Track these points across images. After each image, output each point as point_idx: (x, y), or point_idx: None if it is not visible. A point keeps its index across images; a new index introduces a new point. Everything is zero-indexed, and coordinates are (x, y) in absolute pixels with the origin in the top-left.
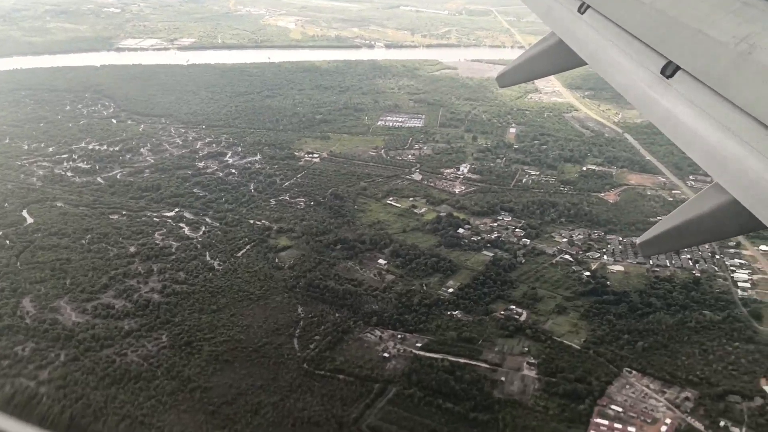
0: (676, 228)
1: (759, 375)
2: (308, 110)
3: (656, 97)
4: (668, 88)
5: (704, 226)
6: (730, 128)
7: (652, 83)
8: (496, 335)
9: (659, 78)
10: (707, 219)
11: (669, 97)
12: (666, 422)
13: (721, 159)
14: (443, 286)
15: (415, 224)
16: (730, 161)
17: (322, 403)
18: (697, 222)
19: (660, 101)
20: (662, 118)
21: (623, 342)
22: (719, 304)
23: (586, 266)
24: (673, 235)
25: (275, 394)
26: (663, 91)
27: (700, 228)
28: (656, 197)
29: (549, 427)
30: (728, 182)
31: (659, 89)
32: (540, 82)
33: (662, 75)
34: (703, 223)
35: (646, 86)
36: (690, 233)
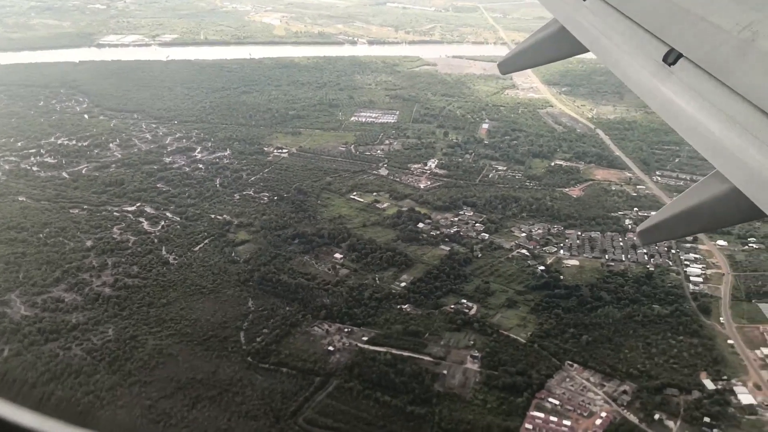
0: (676, 217)
1: (699, 368)
2: (283, 106)
3: (658, 85)
4: (670, 75)
5: (704, 214)
6: (731, 116)
7: (654, 71)
8: (443, 329)
9: (661, 65)
10: (707, 207)
11: (670, 84)
12: (601, 416)
13: (722, 147)
14: (396, 280)
15: (376, 219)
16: (732, 149)
17: (262, 397)
18: (697, 210)
19: (661, 89)
20: (663, 105)
21: (568, 335)
22: (669, 298)
23: (541, 260)
24: (672, 223)
25: (215, 388)
26: (665, 78)
27: (699, 216)
28: (620, 192)
29: (485, 420)
30: (729, 170)
31: (661, 77)
32: (518, 79)
33: (664, 62)
34: (703, 211)
35: (648, 73)
36: (689, 222)
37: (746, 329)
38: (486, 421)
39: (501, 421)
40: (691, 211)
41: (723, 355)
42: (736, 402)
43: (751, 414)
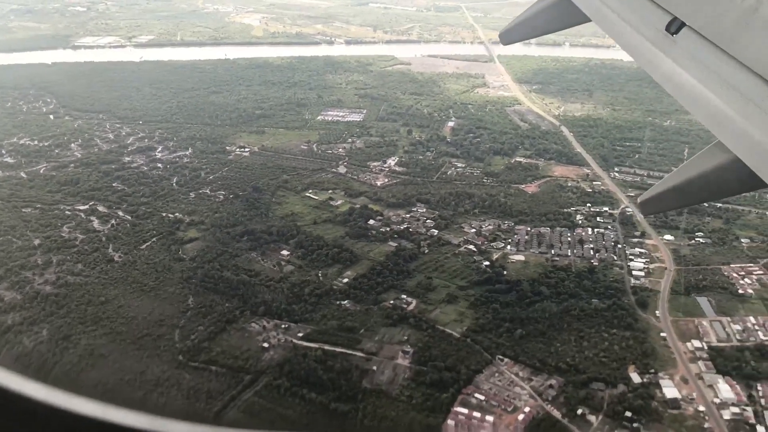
0: (677, 187)
1: (628, 362)
2: (250, 105)
3: (660, 55)
4: (673, 45)
5: (705, 184)
6: (734, 86)
7: (657, 40)
8: (379, 324)
9: (664, 34)
10: (708, 178)
11: (673, 54)
12: (525, 411)
13: (724, 117)
14: (340, 277)
15: (328, 216)
16: (734, 119)
17: (187, 397)
18: (698, 181)
19: (664, 58)
20: (666, 75)
21: (503, 330)
22: (608, 293)
23: (488, 256)
24: (674, 194)
25: (141, 389)
26: (667, 48)
27: (700, 187)
28: (575, 188)
29: (408, 416)
30: (731, 140)
31: (664, 46)
32: (489, 77)
33: (667, 32)
34: (704, 181)
35: (651, 43)
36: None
37: (681, 323)
38: (409, 417)
39: (424, 418)
40: (692, 181)
41: (654, 348)
42: (660, 396)
43: (674, 408)
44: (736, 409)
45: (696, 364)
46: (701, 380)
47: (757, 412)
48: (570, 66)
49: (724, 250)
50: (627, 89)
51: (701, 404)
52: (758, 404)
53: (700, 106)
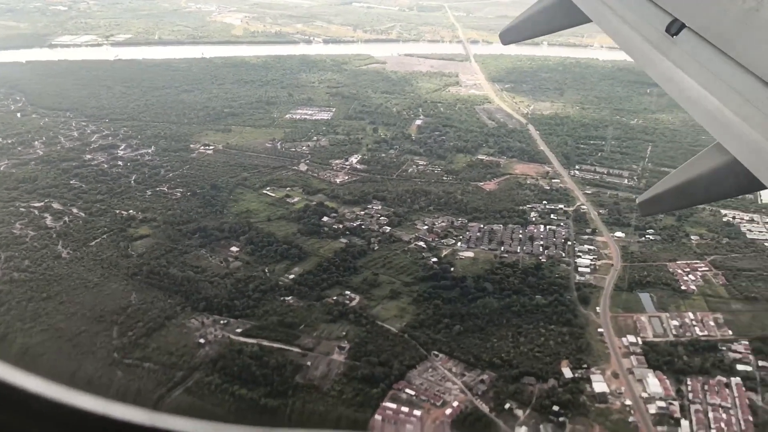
0: (676, 188)
1: (562, 357)
2: (220, 104)
3: (660, 56)
4: (673, 46)
5: (704, 186)
6: (734, 88)
7: (657, 41)
8: (320, 320)
9: (664, 36)
10: (707, 179)
11: (673, 55)
12: (453, 405)
13: (724, 118)
14: (286, 273)
15: (283, 213)
16: (733, 121)
17: (117, 396)
18: (697, 182)
19: (664, 60)
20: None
21: (441, 326)
22: (552, 289)
23: (437, 253)
24: (673, 194)
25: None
26: (667, 49)
27: (699, 188)
28: (533, 186)
29: (337, 411)
30: (730, 142)
31: (664, 47)
32: (463, 76)
33: (667, 33)
34: (703, 183)
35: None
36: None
37: (620, 318)
38: (338, 412)
39: (353, 413)
40: (691, 182)
41: (589, 344)
42: (589, 390)
43: (602, 402)
44: (662, 403)
45: (629, 359)
46: (632, 375)
47: (683, 406)
48: (545, 65)
49: (673, 247)
50: (599, 88)
51: (629, 398)
52: (686, 398)
53: (699, 108)
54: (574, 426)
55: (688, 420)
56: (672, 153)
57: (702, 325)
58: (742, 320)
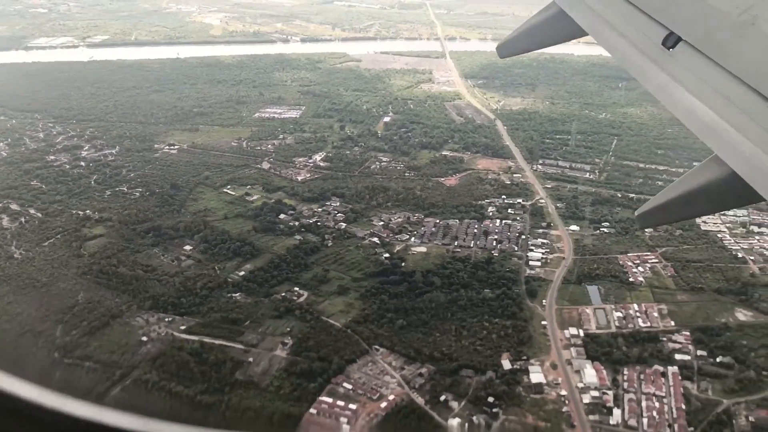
0: (674, 200)
1: (503, 349)
2: (189, 104)
3: (657, 69)
4: (669, 59)
5: (702, 198)
6: (731, 100)
7: (653, 54)
8: (266, 316)
9: (660, 49)
10: (705, 191)
11: (670, 68)
12: (389, 398)
13: (721, 131)
14: (237, 270)
15: (241, 211)
16: (730, 134)
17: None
18: (695, 194)
19: (660, 73)
20: (662, 89)
21: (385, 321)
22: (501, 283)
23: (389, 248)
24: (671, 207)
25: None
26: (664, 62)
27: (697, 200)
28: (494, 181)
29: (273, 406)
30: (727, 155)
31: (660, 60)
32: (436, 73)
33: (663, 46)
34: (701, 195)
35: (647, 57)
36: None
37: (565, 311)
38: (273, 407)
39: (289, 407)
40: (689, 195)
41: (531, 336)
42: (526, 382)
43: (537, 393)
44: (597, 393)
45: (569, 351)
46: (570, 366)
47: (617, 396)
48: (519, 61)
49: (626, 240)
50: (571, 83)
51: (564, 389)
52: (621, 388)
53: (696, 120)
54: (507, 416)
55: (620, 409)
56: (636, 147)
57: (645, 316)
58: (686, 311)
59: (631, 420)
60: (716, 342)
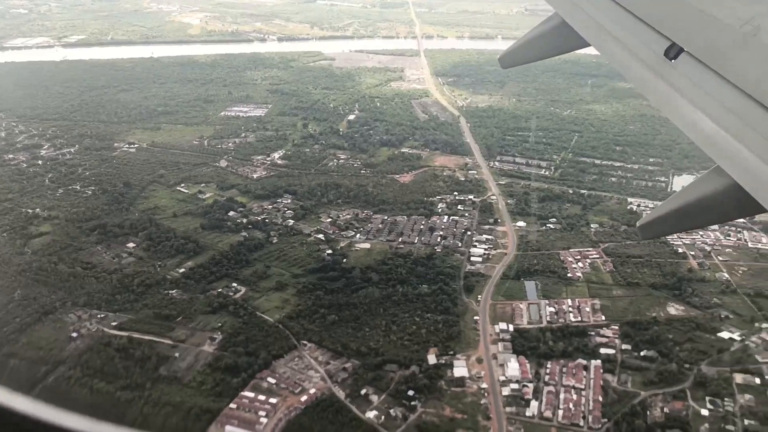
0: (676, 211)
1: (431, 344)
2: (156, 102)
3: (659, 79)
4: (671, 70)
5: (704, 209)
6: (732, 111)
7: (656, 65)
8: (199, 312)
9: (663, 60)
10: (707, 202)
11: (672, 79)
12: (310, 392)
13: (723, 142)
14: (178, 267)
15: (191, 208)
16: (732, 144)
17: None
18: (697, 205)
19: (663, 83)
20: (664, 100)
21: (318, 316)
22: (439, 278)
23: (333, 245)
24: (673, 218)
25: None
26: (666, 73)
27: (699, 211)
28: (448, 177)
29: (191, 402)
30: (729, 165)
31: (662, 71)
32: (408, 71)
33: (665, 57)
34: (703, 206)
35: (649, 68)
36: (690, 216)
37: (499, 306)
38: (192, 402)
39: (209, 402)
40: (690, 206)
41: (462, 331)
42: (449, 375)
43: (459, 386)
44: (517, 386)
45: (496, 345)
46: (495, 360)
47: (537, 389)
48: (492, 58)
49: (570, 236)
50: (540, 80)
51: (486, 382)
52: (542, 381)
53: (698, 131)
54: (425, 409)
55: (538, 401)
56: (595, 143)
57: (577, 311)
58: (619, 306)
59: (546, 412)
60: (642, 336)
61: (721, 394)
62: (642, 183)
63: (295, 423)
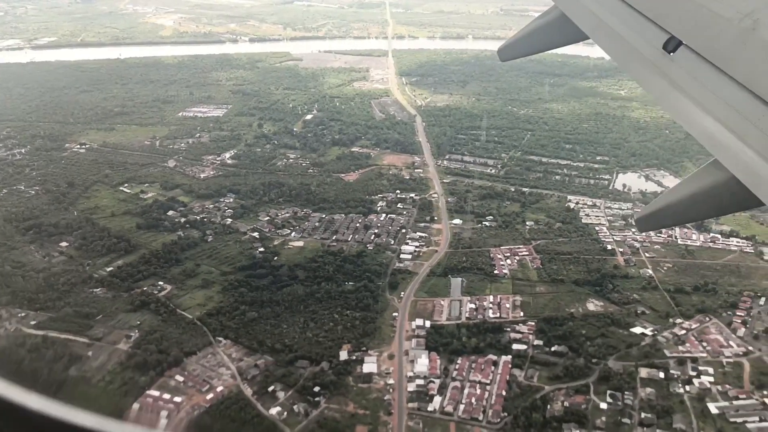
0: (674, 204)
1: (346, 341)
2: (114, 103)
3: (657, 73)
4: (670, 63)
5: (702, 202)
6: (731, 105)
7: (654, 58)
8: (120, 310)
9: (661, 53)
10: (705, 196)
11: (670, 72)
12: (218, 390)
13: (721, 135)
14: (107, 266)
15: (130, 208)
16: (730, 138)
17: None
18: (695, 199)
19: (661, 77)
20: (662, 93)
21: (238, 313)
22: (366, 275)
23: (267, 243)
24: (671, 211)
25: None
26: (664, 66)
27: (697, 205)
28: (393, 176)
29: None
30: (727, 159)
31: (661, 64)
32: (374, 71)
33: (664, 50)
34: (701, 199)
35: (648, 61)
36: (687, 210)
37: (421, 302)
38: (98, 404)
39: (114, 403)
40: (688, 199)
41: (378, 328)
42: (358, 372)
43: (366, 382)
44: (422, 382)
45: (410, 342)
46: (407, 356)
47: (444, 384)
48: (459, 58)
49: (504, 233)
50: (503, 79)
51: (394, 378)
52: (450, 377)
53: (696, 125)
54: (329, 405)
55: (442, 396)
56: (545, 141)
57: (497, 307)
58: (540, 302)
59: (448, 407)
60: (556, 332)
61: (623, 388)
62: (585, 181)
63: (198, 422)
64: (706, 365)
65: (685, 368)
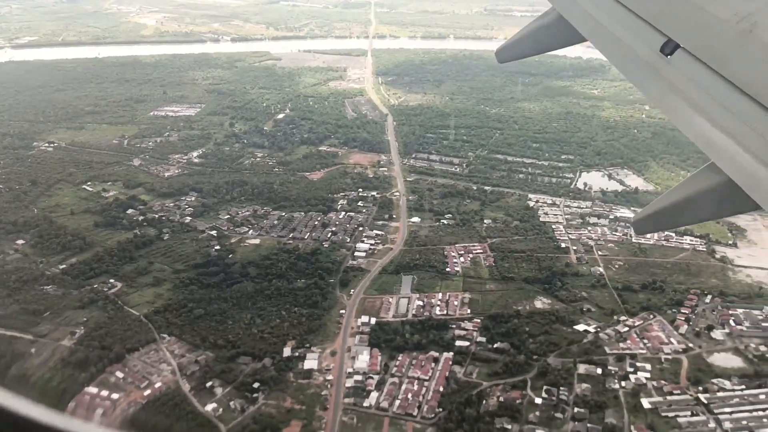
0: (670, 207)
1: (290, 337)
2: (86, 102)
3: (654, 76)
4: (667, 66)
5: (698, 205)
6: (728, 108)
7: (651, 61)
8: (68, 308)
9: (658, 56)
10: (702, 199)
11: (667, 75)
12: (156, 386)
13: (718, 139)
14: (60, 263)
15: (90, 206)
16: (727, 141)
17: None
18: (692, 201)
19: (658, 79)
20: (659, 96)
21: (185, 310)
22: (318, 273)
23: (223, 241)
24: (667, 214)
25: None
26: (662, 69)
27: (693, 208)
28: (358, 174)
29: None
30: (724, 162)
31: (658, 67)
32: (352, 70)
33: (661, 53)
34: (698, 202)
35: (645, 64)
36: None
37: (369, 300)
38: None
39: (52, 402)
40: (685, 202)
41: (324, 325)
42: (299, 368)
43: (306, 378)
44: (361, 378)
45: (354, 338)
46: (349, 352)
47: (383, 380)
48: (437, 57)
49: (461, 231)
50: (479, 79)
51: (334, 374)
52: (389, 373)
53: (693, 128)
54: (266, 401)
55: (379, 392)
56: (513, 141)
57: (445, 305)
58: (489, 299)
59: (384, 402)
60: (500, 329)
61: (559, 383)
62: (548, 179)
63: (133, 419)
64: (644, 362)
65: (623, 365)
